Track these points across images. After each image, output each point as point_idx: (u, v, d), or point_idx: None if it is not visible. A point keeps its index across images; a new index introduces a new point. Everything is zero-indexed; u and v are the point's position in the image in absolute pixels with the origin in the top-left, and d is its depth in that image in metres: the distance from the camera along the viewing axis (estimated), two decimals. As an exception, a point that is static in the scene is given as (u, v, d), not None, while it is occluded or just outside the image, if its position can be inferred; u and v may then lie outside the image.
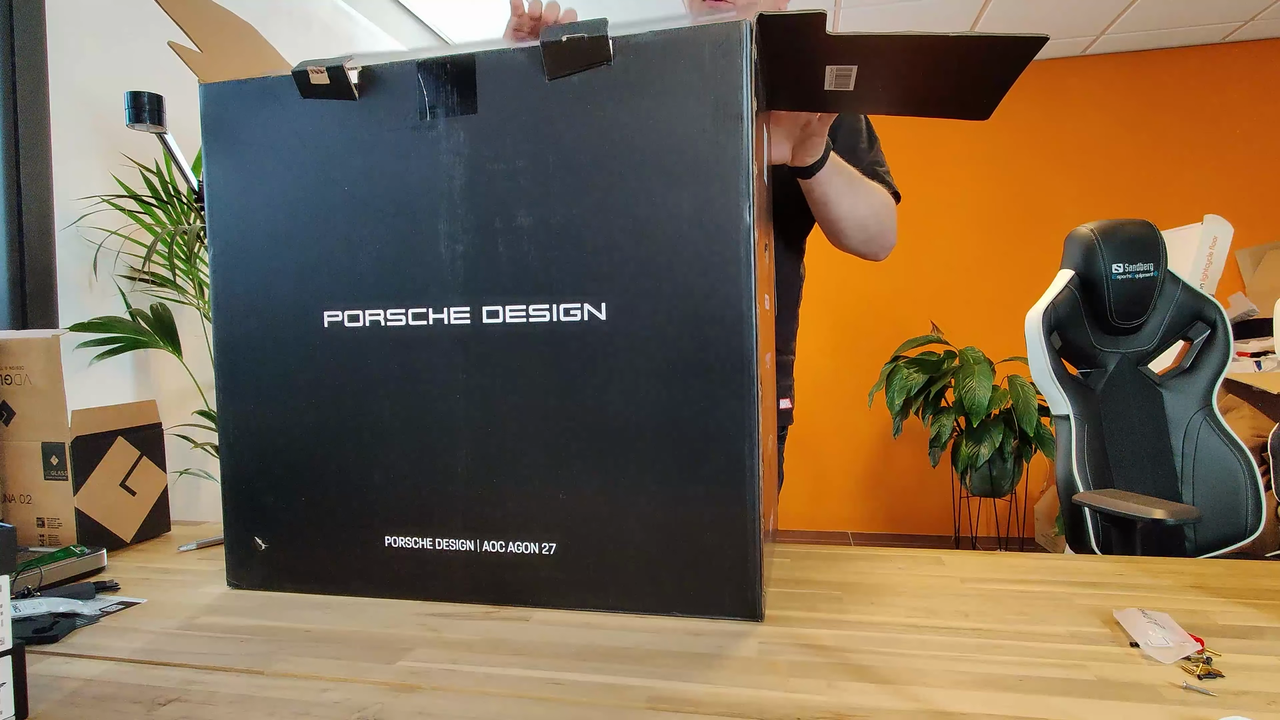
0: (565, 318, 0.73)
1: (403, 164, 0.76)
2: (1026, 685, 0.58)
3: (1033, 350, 1.68)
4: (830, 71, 0.77)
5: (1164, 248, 1.68)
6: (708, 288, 0.69)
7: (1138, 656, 0.62)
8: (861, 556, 0.91)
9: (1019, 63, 0.73)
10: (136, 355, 1.15)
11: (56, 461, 0.98)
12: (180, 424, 1.83)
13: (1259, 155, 3.56)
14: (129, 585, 0.87)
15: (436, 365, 0.76)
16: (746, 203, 0.68)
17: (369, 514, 0.79)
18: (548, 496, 0.74)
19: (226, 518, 0.84)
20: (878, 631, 0.69)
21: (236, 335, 0.82)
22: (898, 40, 0.69)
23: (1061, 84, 3.72)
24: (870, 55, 0.73)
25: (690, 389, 0.70)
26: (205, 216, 0.84)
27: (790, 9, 0.67)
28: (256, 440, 0.82)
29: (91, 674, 0.63)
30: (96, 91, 1.73)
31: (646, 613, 0.73)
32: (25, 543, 1.00)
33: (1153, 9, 3.17)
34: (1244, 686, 0.57)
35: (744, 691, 0.58)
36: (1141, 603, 0.74)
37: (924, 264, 3.91)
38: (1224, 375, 1.66)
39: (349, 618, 0.74)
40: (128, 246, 1.75)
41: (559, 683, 0.60)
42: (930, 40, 0.69)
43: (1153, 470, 1.67)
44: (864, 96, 0.82)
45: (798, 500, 4.06)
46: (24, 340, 1.00)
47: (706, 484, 0.70)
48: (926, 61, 0.74)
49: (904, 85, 0.80)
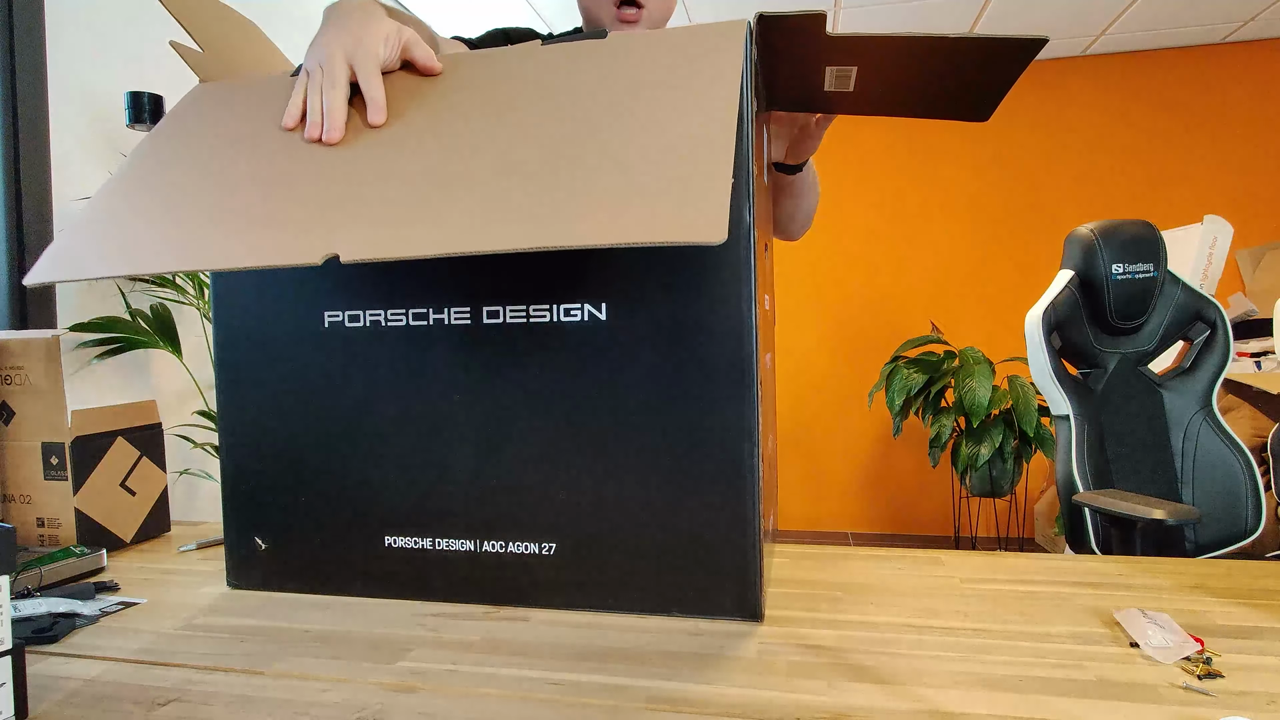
0: (565, 318, 0.73)
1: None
2: (1026, 685, 0.58)
3: (1033, 350, 1.68)
4: (830, 72, 0.77)
5: (1164, 248, 1.69)
6: (708, 288, 0.69)
7: (1138, 656, 0.62)
8: (861, 556, 0.91)
9: (1018, 65, 0.73)
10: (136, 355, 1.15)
11: (56, 461, 0.98)
12: (180, 424, 1.83)
13: (1259, 155, 3.56)
14: (129, 585, 0.87)
15: (437, 365, 0.76)
16: (746, 203, 0.68)
17: (369, 514, 0.79)
18: (548, 496, 0.74)
19: (226, 518, 0.84)
20: (878, 631, 0.69)
21: (236, 335, 0.82)
22: (897, 41, 0.69)
23: (1061, 84, 3.72)
24: (870, 56, 0.73)
25: (690, 389, 0.70)
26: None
27: (790, 9, 0.67)
28: (256, 440, 0.82)
29: (91, 674, 0.63)
30: (96, 91, 1.73)
31: (646, 613, 0.73)
32: (25, 543, 1.00)
33: (1153, 9, 3.17)
34: (1244, 686, 0.57)
35: (744, 692, 0.58)
36: (1141, 603, 0.74)
37: (924, 264, 3.91)
38: (1224, 375, 1.67)
39: (349, 618, 0.74)
40: (128, 246, 1.75)
41: (559, 683, 0.60)
42: (930, 41, 0.69)
43: (1153, 470, 1.67)
44: (864, 98, 0.82)
45: (798, 500, 4.06)
46: (24, 340, 1.01)
47: (706, 484, 0.70)
48: (926, 63, 0.75)
49: (903, 87, 0.80)
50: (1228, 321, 1.67)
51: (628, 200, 0.55)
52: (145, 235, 0.63)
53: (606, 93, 0.65)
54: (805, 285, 4.02)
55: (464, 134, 0.65)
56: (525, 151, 0.62)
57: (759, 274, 0.71)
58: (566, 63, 0.69)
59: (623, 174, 0.57)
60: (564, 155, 0.60)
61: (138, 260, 0.61)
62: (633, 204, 0.54)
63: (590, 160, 0.59)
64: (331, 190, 0.63)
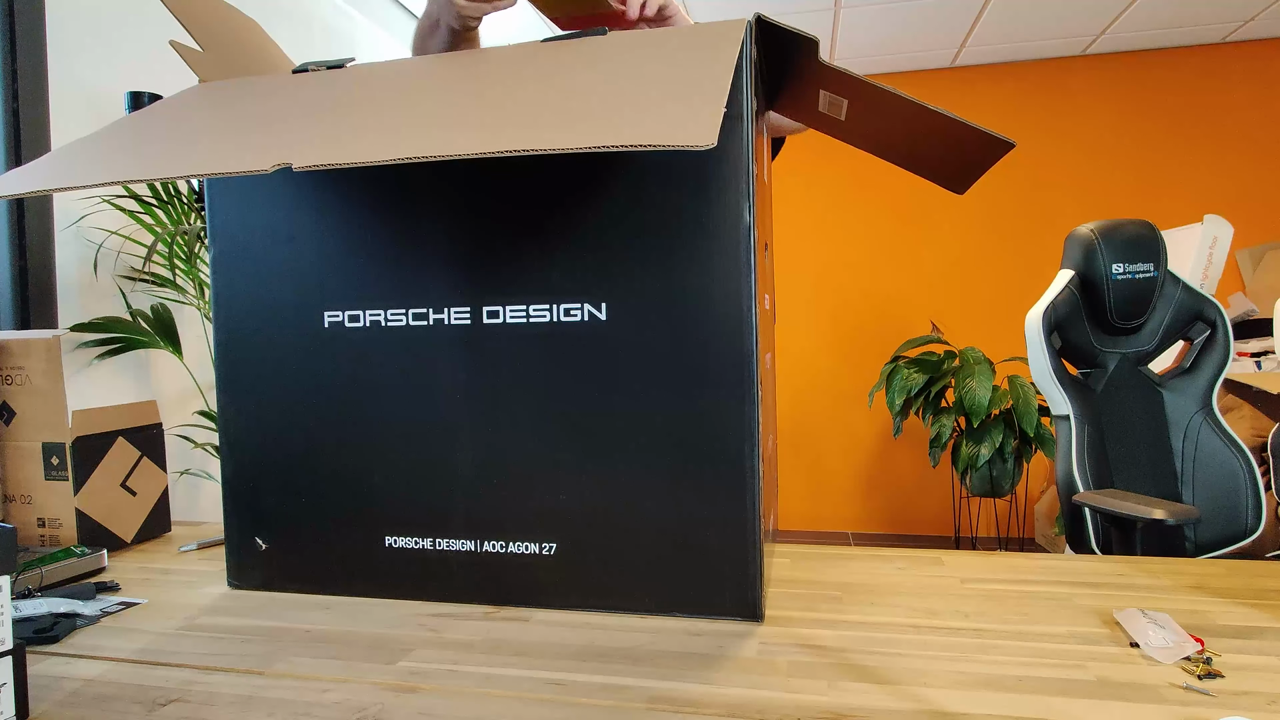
0: (565, 318, 0.73)
1: (402, 164, 0.76)
2: (1026, 685, 0.58)
3: (1033, 350, 1.68)
4: (824, 95, 0.77)
5: (1164, 248, 1.68)
6: (708, 288, 0.69)
7: (1138, 656, 0.62)
8: (861, 556, 0.91)
9: (991, 155, 0.75)
10: (136, 355, 1.15)
11: (57, 462, 0.98)
12: (180, 424, 1.83)
13: (1259, 155, 3.56)
14: (129, 585, 0.87)
15: (437, 365, 0.76)
16: (746, 203, 0.68)
17: (369, 514, 0.79)
18: (548, 497, 0.74)
19: (227, 518, 0.84)
20: (878, 631, 0.69)
21: (236, 335, 0.82)
22: (884, 94, 0.70)
23: (1061, 83, 3.72)
24: (858, 96, 0.74)
25: (690, 389, 0.70)
26: (205, 216, 0.84)
27: (789, 25, 0.67)
28: (256, 440, 0.82)
29: (92, 674, 0.63)
30: (96, 91, 1.73)
31: (646, 613, 0.73)
32: (26, 543, 1.00)
33: (1153, 9, 3.17)
34: (1244, 686, 0.57)
35: (744, 691, 0.58)
36: (1141, 603, 0.74)
37: (924, 264, 3.91)
38: (1224, 375, 1.67)
39: (349, 618, 0.74)
40: (128, 246, 1.75)
41: (559, 683, 0.60)
42: (913, 107, 0.71)
43: (1153, 470, 1.67)
44: (854, 131, 0.83)
45: (798, 500, 4.06)
46: (25, 340, 1.01)
47: (706, 484, 0.70)
48: (911, 123, 0.76)
49: (889, 136, 0.81)
50: (1228, 321, 1.67)
51: (619, 112, 0.53)
52: (100, 159, 0.62)
53: (607, 63, 0.64)
54: (805, 285, 4.02)
55: (454, 96, 0.64)
56: (519, 93, 0.60)
57: (759, 274, 0.71)
58: (570, 50, 0.69)
59: (615, 98, 0.56)
60: (558, 92, 0.59)
61: (85, 175, 0.58)
62: (624, 114, 0.53)
63: (583, 100, 0.57)
64: (306, 126, 0.62)
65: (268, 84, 0.75)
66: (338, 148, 0.55)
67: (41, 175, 0.61)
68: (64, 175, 0.60)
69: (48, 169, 0.62)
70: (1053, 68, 3.73)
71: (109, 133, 0.68)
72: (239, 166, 0.54)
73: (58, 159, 0.64)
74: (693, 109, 0.51)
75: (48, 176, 0.60)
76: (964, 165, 0.80)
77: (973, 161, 0.78)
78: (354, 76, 0.72)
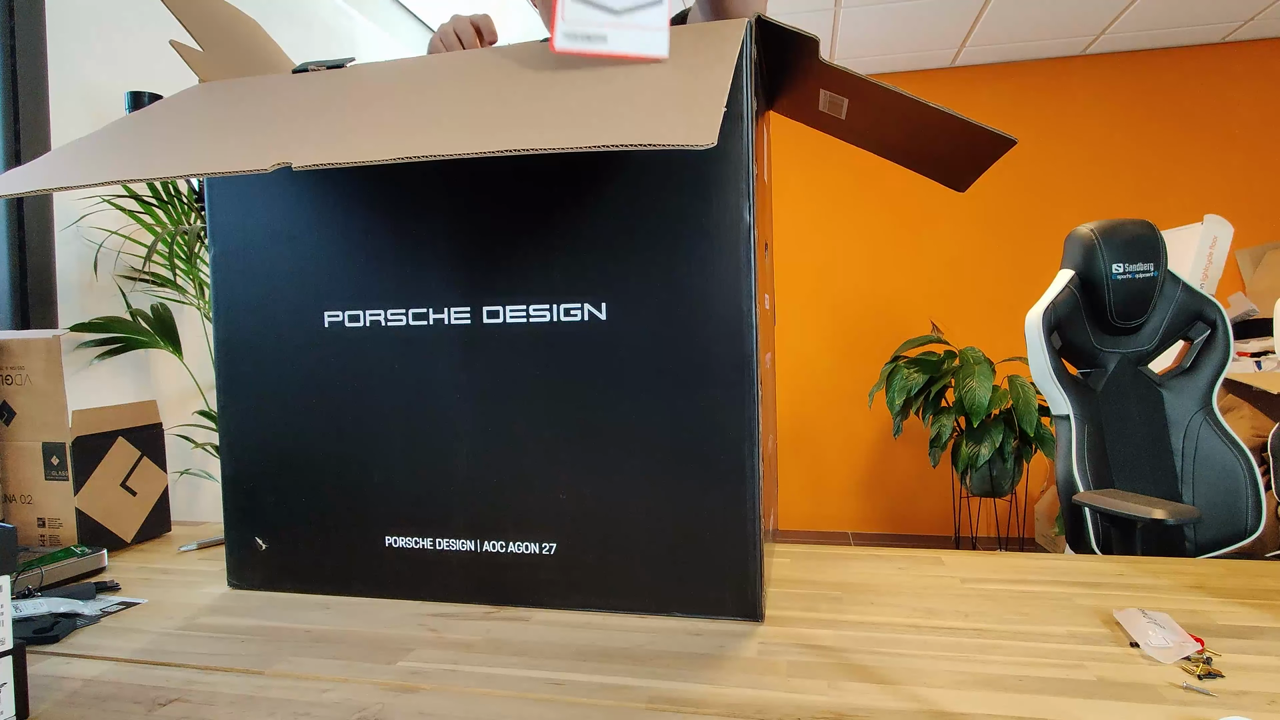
0: (565, 318, 0.73)
1: (402, 164, 0.76)
2: (1026, 685, 0.58)
3: (1033, 350, 1.68)
4: (824, 95, 0.78)
5: (1164, 248, 1.68)
6: (708, 288, 0.69)
7: (1138, 656, 0.62)
8: (861, 556, 0.91)
9: (992, 153, 0.75)
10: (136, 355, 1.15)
11: (57, 461, 0.98)
12: (180, 424, 1.83)
13: (1259, 155, 3.56)
14: (129, 585, 0.87)
15: (437, 365, 0.76)
16: (746, 203, 0.68)
17: (369, 514, 0.79)
18: (548, 496, 0.74)
19: (227, 518, 0.84)
20: (878, 631, 0.69)
21: (236, 335, 0.82)
22: (884, 92, 0.70)
23: (1061, 83, 3.72)
24: (858, 95, 0.74)
25: (690, 389, 0.70)
26: (205, 216, 0.84)
27: (789, 25, 0.68)
28: (256, 440, 0.82)
29: (92, 674, 0.63)
30: (96, 91, 1.73)
31: (646, 613, 0.73)
32: (26, 543, 1.00)
33: (1153, 9, 3.17)
34: (1244, 686, 0.57)
35: (744, 691, 0.58)
36: (1141, 603, 0.74)
37: (924, 264, 3.91)
38: (1224, 375, 1.67)
39: (349, 618, 0.74)
40: (128, 246, 1.75)
41: (559, 683, 0.60)
42: (913, 104, 0.71)
43: (1153, 470, 1.67)
44: (854, 130, 0.83)
45: (798, 500, 4.06)
46: (25, 340, 1.01)
47: (706, 484, 0.70)
48: (909, 121, 0.76)
49: (890, 134, 0.81)
50: (1228, 321, 1.67)
51: (619, 111, 0.53)
52: (100, 159, 0.62)
53: (608, 62, 0.64)
54: (805, 285, 4.02)
55: (454, 95, 0.64)
56: (518, 93, 0.60)
57: (759, 274, 0.71)
58: None
59: (615, 98, 0.55)
60: (558, 92, 0.59)
61: (85, 174, 0.58)
62: (624, 114, 0.52)
63: (583, 100, 0.57)
64: (306, 125, 0.62)
65: (268, 84, 0.75)
66: (337, 147, 0.55)
67: (41, 175, 0.61)
68: (64, 175, 0.60)
69: (48, 168, 0.62)
70: (1053, 68, 3.73)
71: (109, 132, 0.68)
72: (239, 166, 0.54)
73: (57, 158, 0.64)
74: (693, 108, 0.51)
75: (48, 176, 0.60)
76: (965, 163, 0.80)
77: (973, 159, 0.78)
78: (354, 76, 0.73)
